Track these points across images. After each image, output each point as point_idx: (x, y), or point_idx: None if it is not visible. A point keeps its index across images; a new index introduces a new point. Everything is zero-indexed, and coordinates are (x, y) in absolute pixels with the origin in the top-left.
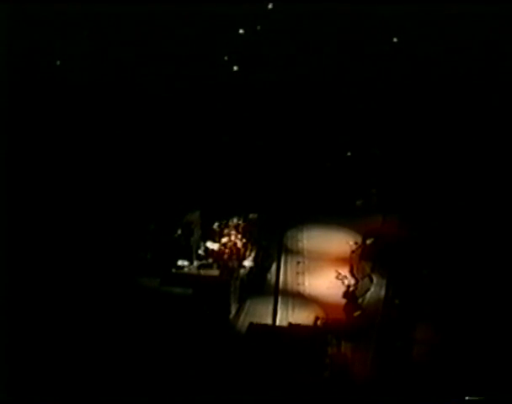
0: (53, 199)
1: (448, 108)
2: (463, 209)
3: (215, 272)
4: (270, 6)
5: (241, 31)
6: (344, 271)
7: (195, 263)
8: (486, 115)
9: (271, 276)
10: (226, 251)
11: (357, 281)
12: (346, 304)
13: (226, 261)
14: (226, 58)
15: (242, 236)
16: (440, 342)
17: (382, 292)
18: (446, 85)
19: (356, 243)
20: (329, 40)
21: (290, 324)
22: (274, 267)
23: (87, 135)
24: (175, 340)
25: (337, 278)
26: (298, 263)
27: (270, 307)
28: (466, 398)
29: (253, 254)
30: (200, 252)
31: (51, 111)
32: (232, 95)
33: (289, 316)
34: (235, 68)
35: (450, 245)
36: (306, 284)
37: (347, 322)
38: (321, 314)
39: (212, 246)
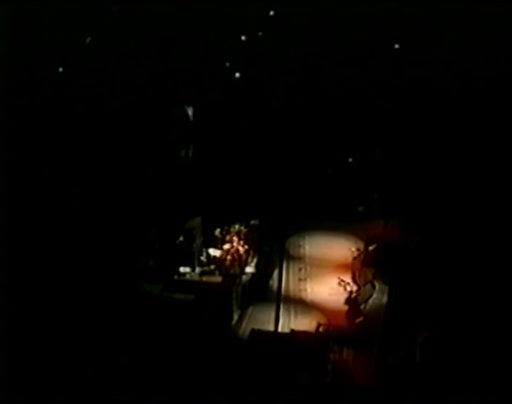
0: (54, 205)
1: (450, 113)
2: (466, 215)
3: (217, 278)
4: (272, 12)
5: (243, 38)
6: (346, 277)
7: (197, 270)
8: (488, 120)
9: (273, 282)
10: (228, 257)
11: (359, 287)
12: (348, 310)
13: (228, 267)
14: (227, 64)
15: (244, 243)
16: (442, 348)
17: (385, 298)
18: (448, 90)
19: (358, 249)
20: (331, 46)
21: (292, 330)
22: (276, 273)
23: (88, 139)
24: (177, 346)
25: (339, 284)
26: (300, 269)
27: (272, 314)
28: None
29: (255, 261)
30: (202, 258)
31: (51, 112)
32: (233, 101)
33: (291, 322)
34: (237, 75)
35: (452, 251)
36: (308, 290)
37: (349, 329)
38: (323, 320)
39: (214, 252)
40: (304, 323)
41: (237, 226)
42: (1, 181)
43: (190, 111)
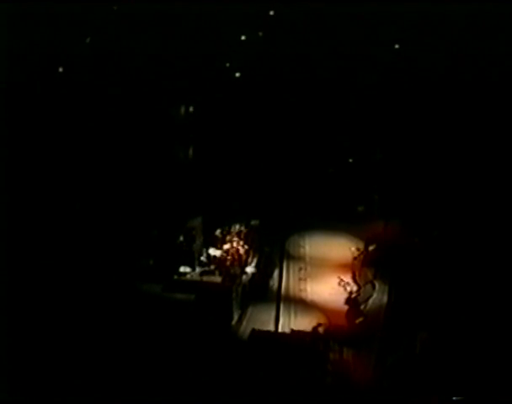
0: (54, 206)
1: (450, 113)
2: (466, 215)
3: (217, 278)
4: (272, 12)
5: (243, 37)
6: (347, 277)
7: (197, 270)
8: (489, 120)
9: (273, 282)
10: (229, 257)
11: (359, 287)
12: (348, 310)
13: (229, 267)
14: (227, 64)
15: (245, 243)
16: (441, 348)
17: (385, 298)
18: (448, 90)
19: (358, 249)
20: (331, 46)
21: (292, 330)
22: (276, 273)
23: (88, 140)
24: (177, 346)
25: (339, 284)
26: (300, 269)
27: (272, 314)
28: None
29: (255, 261)
30: (203, 258)
31: (51, 112)
32: (233, 101)
33: (291, 322)
34: (237, 74)
35: (452, 251)
36: (309, 290)
37: (349, 329)
38: (323, 320)
39: (214, 252)
40: (304, 323)
41: (237, 226)
42: (1, 181)
43: (190, 111)
